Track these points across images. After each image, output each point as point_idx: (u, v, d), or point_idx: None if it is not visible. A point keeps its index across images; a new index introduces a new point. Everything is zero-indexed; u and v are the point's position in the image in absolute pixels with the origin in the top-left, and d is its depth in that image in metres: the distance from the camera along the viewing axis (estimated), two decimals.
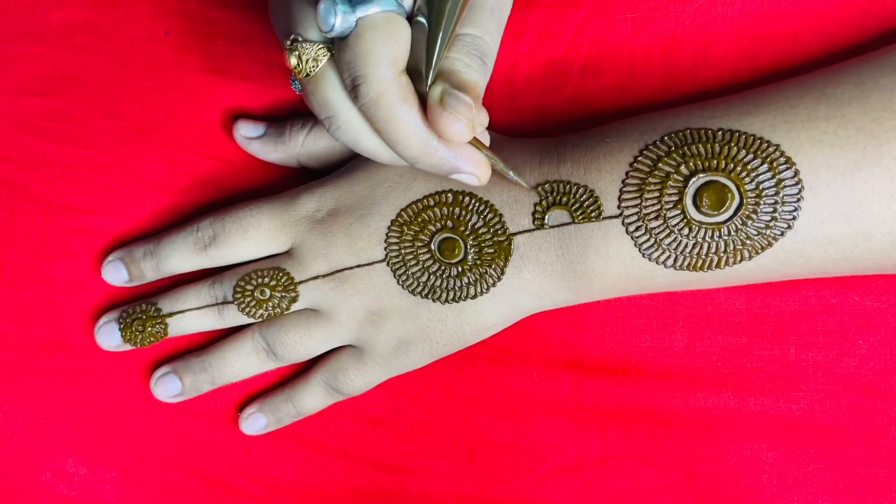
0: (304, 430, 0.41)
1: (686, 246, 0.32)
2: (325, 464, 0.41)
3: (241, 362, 0.39)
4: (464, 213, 0.35)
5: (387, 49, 0.28)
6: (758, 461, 0.37)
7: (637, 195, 0.33)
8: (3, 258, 0.42)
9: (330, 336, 0.37)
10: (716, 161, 0.32)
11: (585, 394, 0.38)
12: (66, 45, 0.41)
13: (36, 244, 0.42)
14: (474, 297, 0.35)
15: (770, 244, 0.32)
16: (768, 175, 0.31)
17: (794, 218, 0.31)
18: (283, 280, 0.37)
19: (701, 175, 0.32)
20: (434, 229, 0.35)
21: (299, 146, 0.39)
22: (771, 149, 0.31)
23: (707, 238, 0.32)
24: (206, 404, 0.42)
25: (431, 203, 0.36)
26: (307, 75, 0.30)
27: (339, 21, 0.28)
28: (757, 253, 0.32)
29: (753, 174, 0.31)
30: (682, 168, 0.32)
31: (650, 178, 0.32)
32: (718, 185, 0.32)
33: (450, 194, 0.35)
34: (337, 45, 0.29)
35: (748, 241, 0.32)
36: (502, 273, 0.35)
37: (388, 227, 0.36)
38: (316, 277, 0.37)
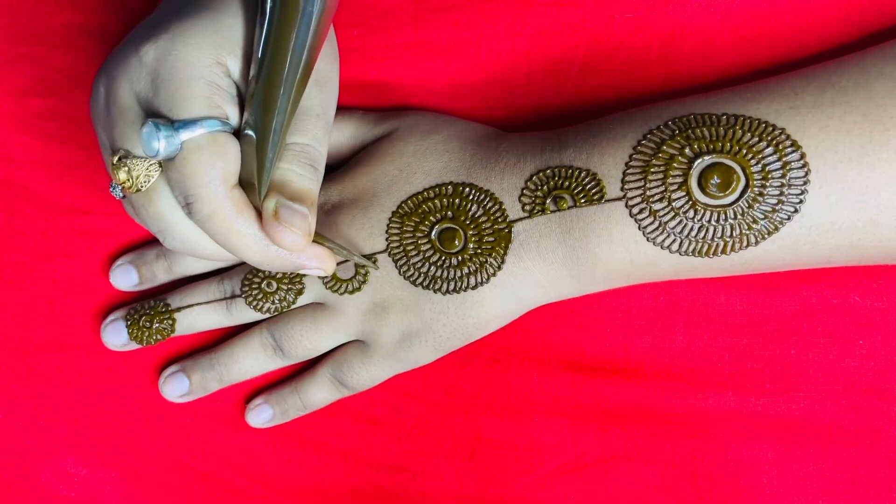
0: (304, 430, 0.41)
1: (691, 229, 0.32)
2: (325, 464, 0.41)
3: (249, 359, 0.39)
4: (464, 203, 0.35)
5: (214, 169, 0.29)
6: (758, 461, 0.37)
7: (641, 177, 0.32)
8: (3, 258, 0.42)
9: (335, 330, 0.37)
10: (720, 143, 0.31)
11: (585, 394, 0.38)
12: (69, 47, 0.41)
13: (36, 244, 0.42)
14: (475, 287, 0.35)
15: (777, 229, 0.31)
16: (774, 157, 0.31)
17: (801, 201, 0.30)
18: (289, 272, 0.37)
19: (706, 157, 0.31)
20: (434, 220, 0.35)
21: None
22: (776, 132, 0.31)
23: (713, 221, 0.31)
24: (206, 405, 0.42)
25: (432, 195, 0.35)
26: (138, 190, 0.31)
27: (164, 146, 0.29)
28: (763, 238, 0.31)
29: (759, 156, 0.31)
30: (687, 150, 0.32)
31: (654, 161, 0.32)
32: (724, 166, 0.31)
33: (450, 186, 0.35)
34: (165, 165, 0.30)
35: (755, 225, 0.31)
36: (502, 262, 0.34)
37: (389, 219, 0.36)
38: None
